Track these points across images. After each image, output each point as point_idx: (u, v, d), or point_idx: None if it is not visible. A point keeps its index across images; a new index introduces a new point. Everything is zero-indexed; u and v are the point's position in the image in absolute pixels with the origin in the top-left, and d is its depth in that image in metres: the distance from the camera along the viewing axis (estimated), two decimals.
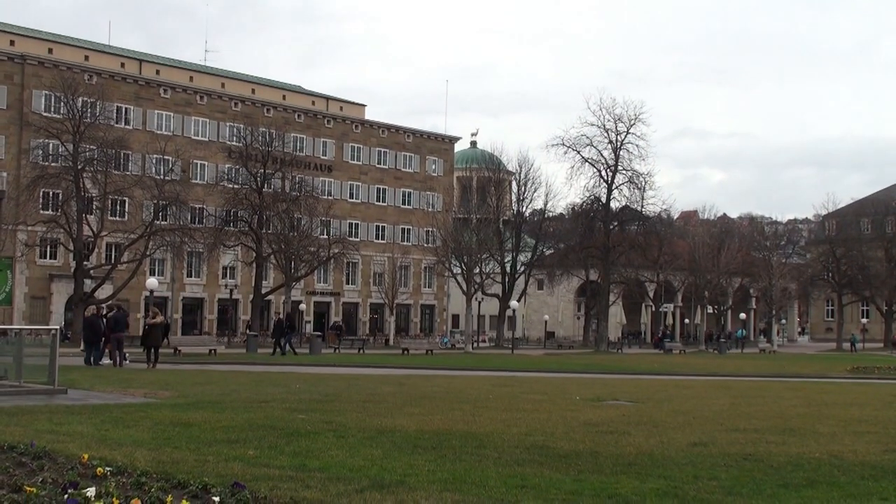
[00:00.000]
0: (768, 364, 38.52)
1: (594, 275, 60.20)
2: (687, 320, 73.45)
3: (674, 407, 14.62)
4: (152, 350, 25.70)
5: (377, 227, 67.87)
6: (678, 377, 27.57)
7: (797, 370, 33.16)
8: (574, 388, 19.34)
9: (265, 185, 50.92)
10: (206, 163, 58.91)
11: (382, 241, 66.87)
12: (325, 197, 59.61)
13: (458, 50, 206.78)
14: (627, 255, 58.79)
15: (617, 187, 55.65)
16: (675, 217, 72.85)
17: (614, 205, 56.59)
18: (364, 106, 75.70)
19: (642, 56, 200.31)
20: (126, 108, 55.63)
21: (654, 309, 69.64)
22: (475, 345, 56.57)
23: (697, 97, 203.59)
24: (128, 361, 26.34)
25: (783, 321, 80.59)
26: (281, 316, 40.54)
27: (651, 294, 68.97)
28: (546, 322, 70.64)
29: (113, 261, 47.93)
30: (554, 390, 18.16)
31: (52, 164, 44.07)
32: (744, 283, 73.80)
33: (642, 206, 55.95)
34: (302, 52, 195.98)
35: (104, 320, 26.39)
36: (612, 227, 56.93)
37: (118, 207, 51.34)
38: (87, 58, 58.97)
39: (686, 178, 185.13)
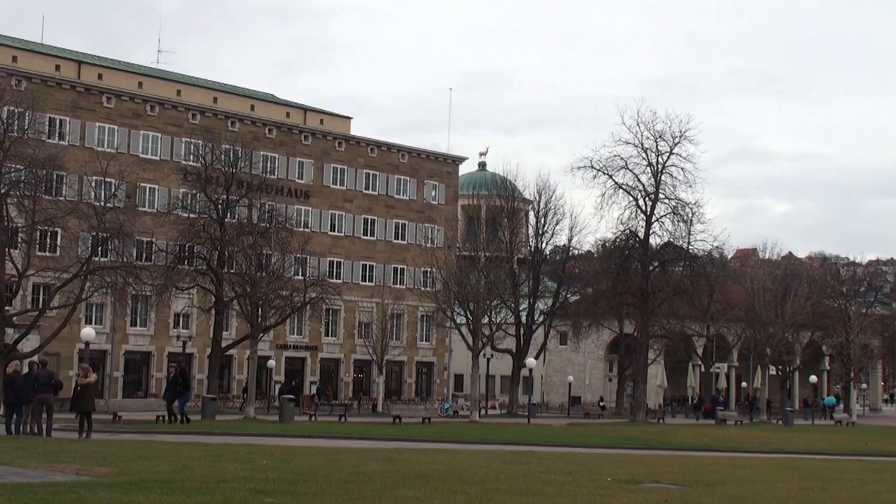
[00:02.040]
0: (846, 439, 38.35)
1: (629, 327, 60.37)
2: (744, 383, 73.41)
3: (728, 492, 14.54)
4: (85, 416, 25.65)
5: (364, 266, 68.26)
6: (734, 454, 27.51)
7: (882, 447, 33.05)
8: (605, 466, 19.28)
9: (228, 215, 51.29)
10: (156, 186, 59.59)
11: (370, 284, 67.24)
12: (301, 229, 60.11)
13: (464, 53, 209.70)
14: (670, 303, 59.02)
15: (658, 219, 56.13)
16: (729, 256, 73.34)
17: (654, 241, 57.04)
18: (349, 119, 76.75)
19: (689, 60, 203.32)
20: (61, 120, 56.26)
21: (703, 369, 69.60)
22: (483, 412, 56.42)
23: (757, 111, 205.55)
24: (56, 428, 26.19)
25: (864, 386, 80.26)
26: (175, 370, 39.82)
27: (700, 351, 68.97)
28: (570, 385, 70.38)
29: (41, 306, 47.54)
30: (580, 469, 18.11)
31: None
32: (814, 339, 73.76)
33: (689, 243, 56.42)
34: (276, 55, 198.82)
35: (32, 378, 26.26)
36: (651, 268, 57.27)
37: (49, 240, 50.70)
38: (14, 59, 59.67)
39: (742, 210, 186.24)
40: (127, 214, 48.35)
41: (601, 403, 71.32)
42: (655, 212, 55.87)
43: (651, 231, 56.18)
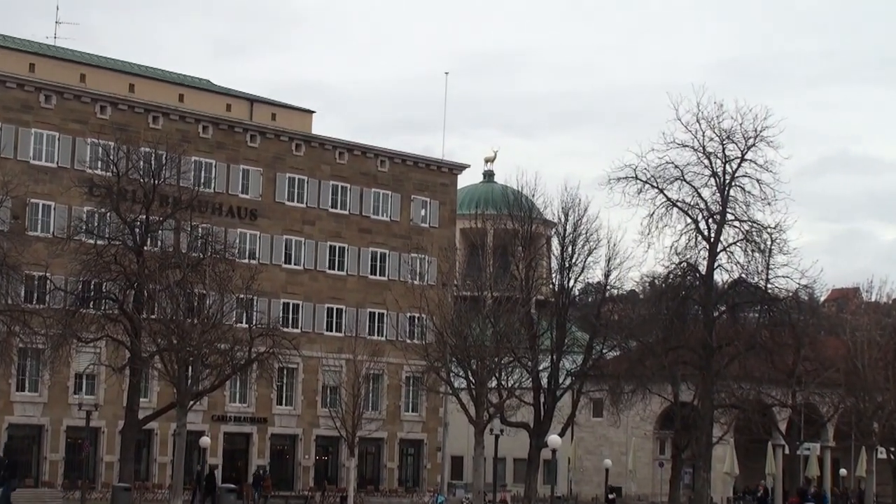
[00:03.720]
0: None
1: (687, 393, 59.91)
2: (843, 471, 73.32)
3: None
4: None
5: (330, 310, 68.42)
6: None
7: None
8: None
9: (148, 241, 51.37)
10: (52, 203, 59.80)
11: (338, 335, 67.18)
12: (247, 260, 60.26)
13: (465, 28, 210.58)
14: (743, 362, 58.61)
15: (725, 249, 55.90)
16: (821, 299, 72.60)
17: (720, 277, 56.63)
18: (311, 114, 76.62)
19: (768, 37, 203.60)
20: None
21: (787, 451, 69.20)
22: None
23: (860, 105, 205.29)
24: None
25: None
26: None
27: (783, 426, 68.70)
28: (608, 471, 70.26)
29: None
30: None
31: None
32: None
33: (767, 281, 56.21)
34: (215, 29, 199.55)
35: None
36: (717, 313, 57.10)
37: None
38: None
39: (840, 237, 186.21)
40: (12, 241, 48.33)
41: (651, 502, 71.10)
42: (722, 238, 55.77)
43: (716, 264, 56.06)
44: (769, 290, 56.98)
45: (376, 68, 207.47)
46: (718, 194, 55.76)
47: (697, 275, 56.72)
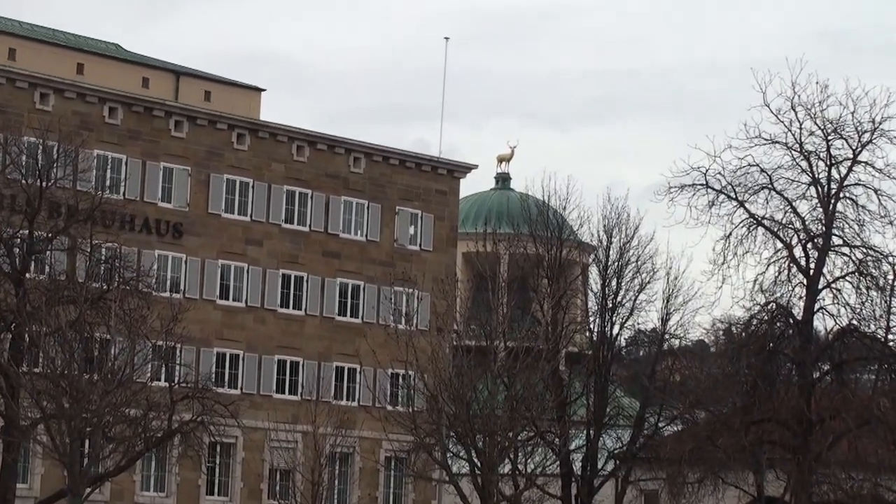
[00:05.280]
0: None
1: (776, 485, 60.08)
2: None
3: None
4: None
5: (281, 364, 68.81)
6: None
7: None
8: None
9: (31, 266, 52.03)
10: None
11: (293, 398, 68.09)
12: (167, 294, 60.80)
13: None
14: (853, 442, 58.42)
15: (830, 285, 56.19)
16: None
17: (822, 324, 57.13)
18: (260, 92, 77.66)
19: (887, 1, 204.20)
20: None
21: None
22: None
23: None
24: None
25: None
26: None
27: None
28: None
29: None
30: None
31: None
32: None
33: (888, 330, 56.38)
34: None
35: None
36: (817, 374, 57.46)
37: None
38: None
39: None
40: None
41: None
42: (825, 271, 56.03)
43: (817, 306, 56.18)
44: (891, 343, 56.98)
45: (350, 32, 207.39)
46: (821, 209, 55.97)
47: (791, 320, 57.02)
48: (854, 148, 55.36)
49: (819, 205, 55.67)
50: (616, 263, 64.93)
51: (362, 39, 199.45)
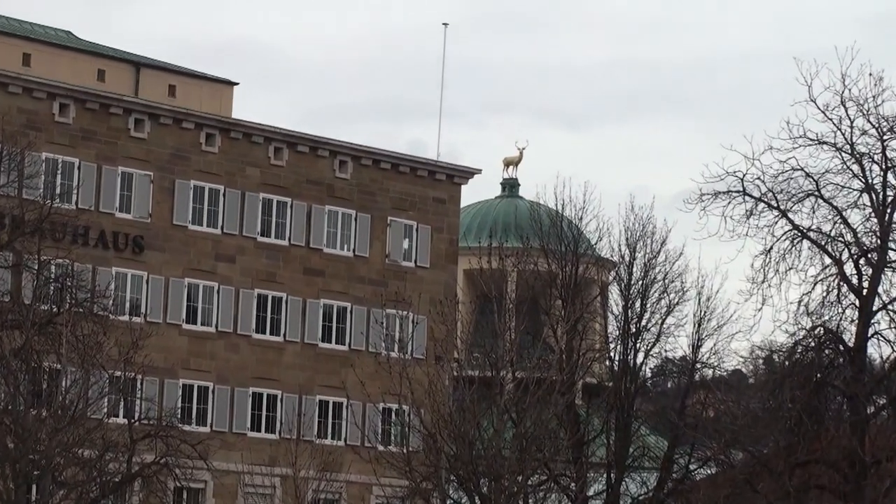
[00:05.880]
0: None
1: None
2: None
3: None
4: None
5: (257, 397, 68.97)
6: None
7: None
8: None
9: None
10: None
11: (270, 437, 68.42)
12: (126, 318, 60.82)
13: None
14: None
15: (886, 306, 56.53)
16: None
17: (878, 351, 57.53)
18: (232, 86, 77.96)
19: None
20: None
21: None
22: None
23: None
24: None
25: None
26: None
27: None
28: None
29: None
30: None
31: None
32: None
33: None
34: None
35: None
36: (872, 409, 57.43)
37: None
38: None
39: None
40: None
41: None
42: (881, 290, 56.31)
43: (871, 331, 56.37)
44: None
45: (335, 18, 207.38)
46: (875, 219, 56.08)
47: (841, 347, 57.16)
48: None
49: (873, 214, 55.78)
50: (640, 282, 65.29)
51: (349, 26, 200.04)
